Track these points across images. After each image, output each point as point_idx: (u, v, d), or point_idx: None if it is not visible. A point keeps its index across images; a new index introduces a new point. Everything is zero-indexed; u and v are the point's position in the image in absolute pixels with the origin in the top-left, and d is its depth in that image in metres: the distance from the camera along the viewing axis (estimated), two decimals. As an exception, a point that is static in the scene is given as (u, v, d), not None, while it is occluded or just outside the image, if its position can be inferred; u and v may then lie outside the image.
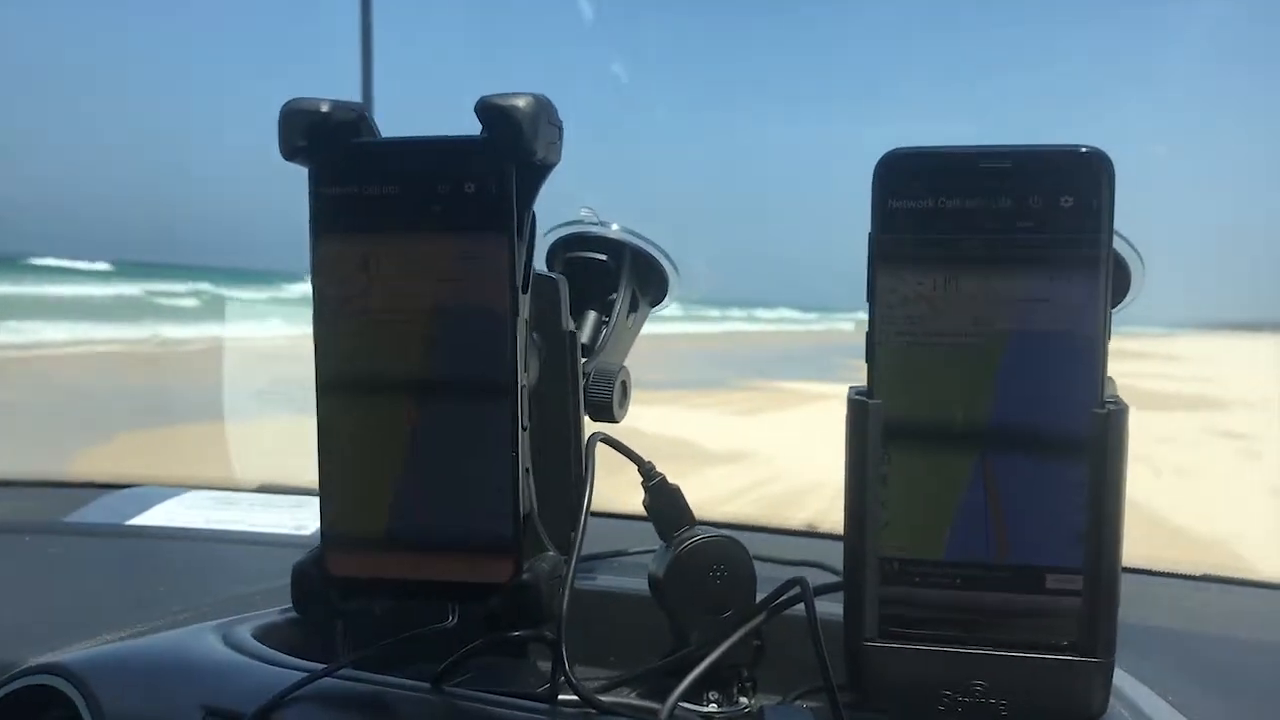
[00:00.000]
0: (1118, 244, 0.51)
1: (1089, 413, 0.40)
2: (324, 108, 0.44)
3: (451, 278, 0.44)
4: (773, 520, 0.94)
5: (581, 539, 0.47)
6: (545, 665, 0.59)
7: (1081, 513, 0.40)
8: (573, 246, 0.62)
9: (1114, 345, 0.40)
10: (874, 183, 0.41)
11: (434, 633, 0.48)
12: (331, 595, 0.46)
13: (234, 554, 0.78)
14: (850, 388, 0.43)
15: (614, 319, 0.60)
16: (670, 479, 0.54)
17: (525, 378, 0.45)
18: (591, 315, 0.62)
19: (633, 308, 0.63)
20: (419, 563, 0.45)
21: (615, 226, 0.62)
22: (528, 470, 0.45)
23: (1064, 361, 0.40)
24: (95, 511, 0.90)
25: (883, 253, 0.41)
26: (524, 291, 0.45)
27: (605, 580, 0.62)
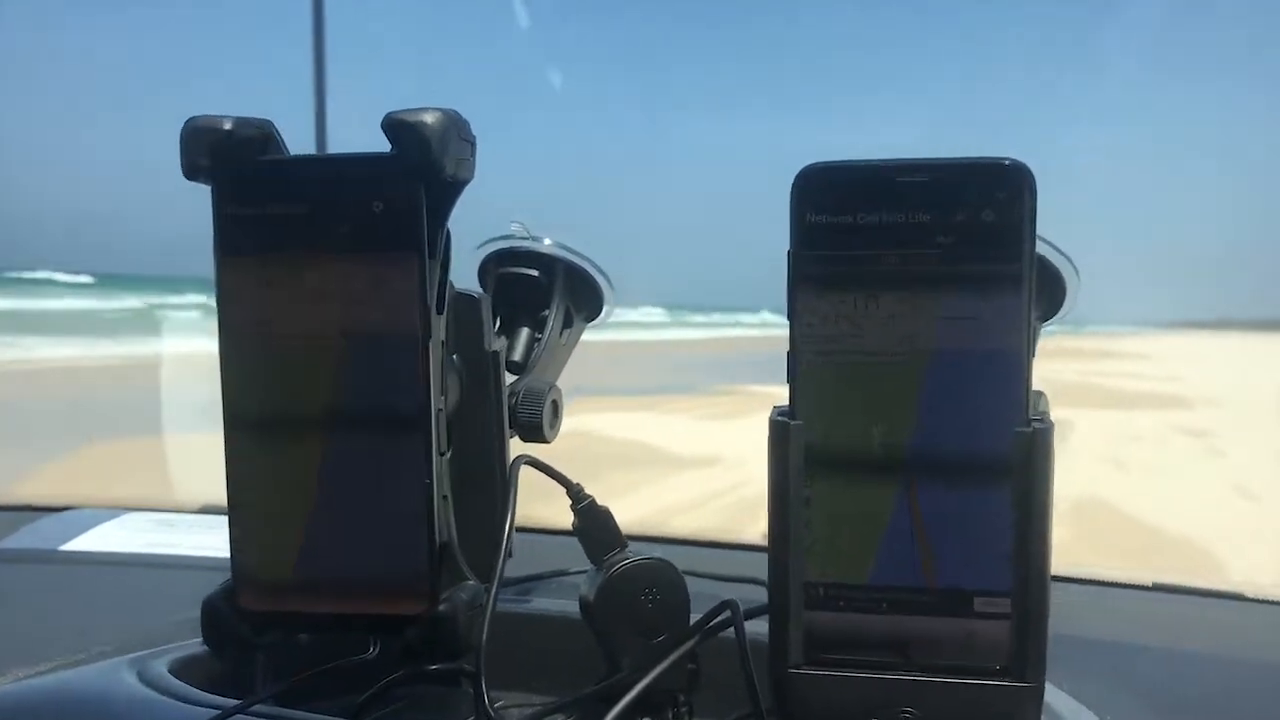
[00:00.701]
0: (1049, 254, 0.51)
1: (1013, 431, 0.39)
2: (227, 125, 0.42)
3: (360, 301, 0.42)
4: (729, 532, 0.93)
5: (503, 566, 0.45)
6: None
7: (1008, 534, 0.39)
8: (504, 262, 0.61)
9: (1083, 345, 0.40)
10: (792, 198, 0.40)
11: (354, 665, 0.46)
12: (243, 630, 0.44)
13: (171, 580, 0.76)
14: (774, 407, 0.42)
15: (546, 336, 0.59)
16: (618, 493, 0.52)
17: (442, 402, 0.44)
18: (524, 332, 0.60)
19: (566, 324, 0.61)
20: (333, 596, 0.43)
21: (547, 241, 0.61)
22: (446, 498, 0.44)
23: (988, 380, 0.39)
24: (26, 537, 0.87)
25: (802, 270, 0.40)
26: (439, 312, 0.43)
27: (541, 603, 0.60)
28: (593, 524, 0.51)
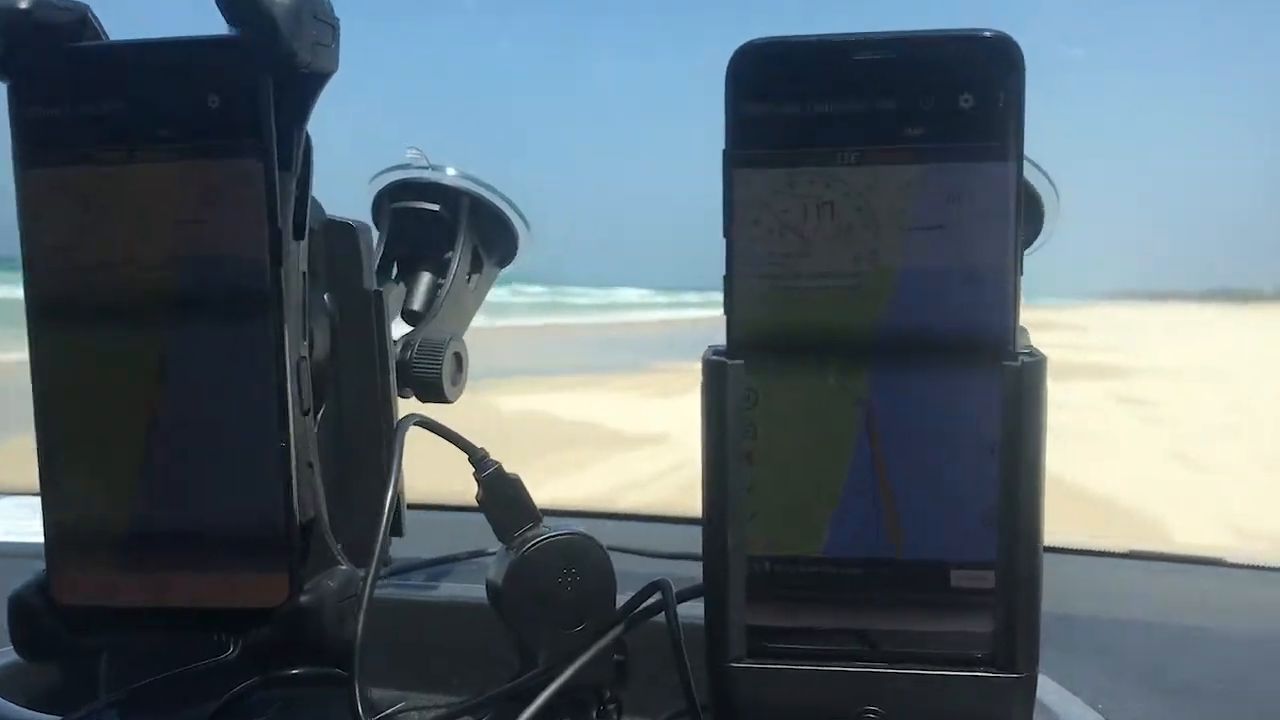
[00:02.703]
0: (1027, 170, 0.44)
1: (998, 366, 0.32)
2: (23, 3, 0.34)
3: (192, 218, 0.34)
4: (678, 506, 0.86)
5: (382, 547, 0.37)
6: (382, 694, 0.49)
7: (992, 491, 0.32)
8: (400, 196, 0.52)
9: (1022, 316, 0.33)
10: (727, 83, 0.32)
11: (210, 668, 0.38)
12: (60, 631, 0.36)
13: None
14: (709, 347, 0.34)
15: (449, 281, 0.51)
16: (513, 466, 0.45)
17: (304, 349, 0.36)
18: (425, 277, 0.52)
19: (474, 268, 0.53)
20: (169, 585, 0.35)
21: (450, 171, 0.52)
22: (311, 465, 0.36)
23: (966, 304, 0.32)
24: None
25: (739, 174, 0.32)
26: (297, 237, 0.35)
27: (451, 589, 0.53)
28: (500, 495, 0.44)
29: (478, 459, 0.43)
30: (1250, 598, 0.62)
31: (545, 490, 0.47)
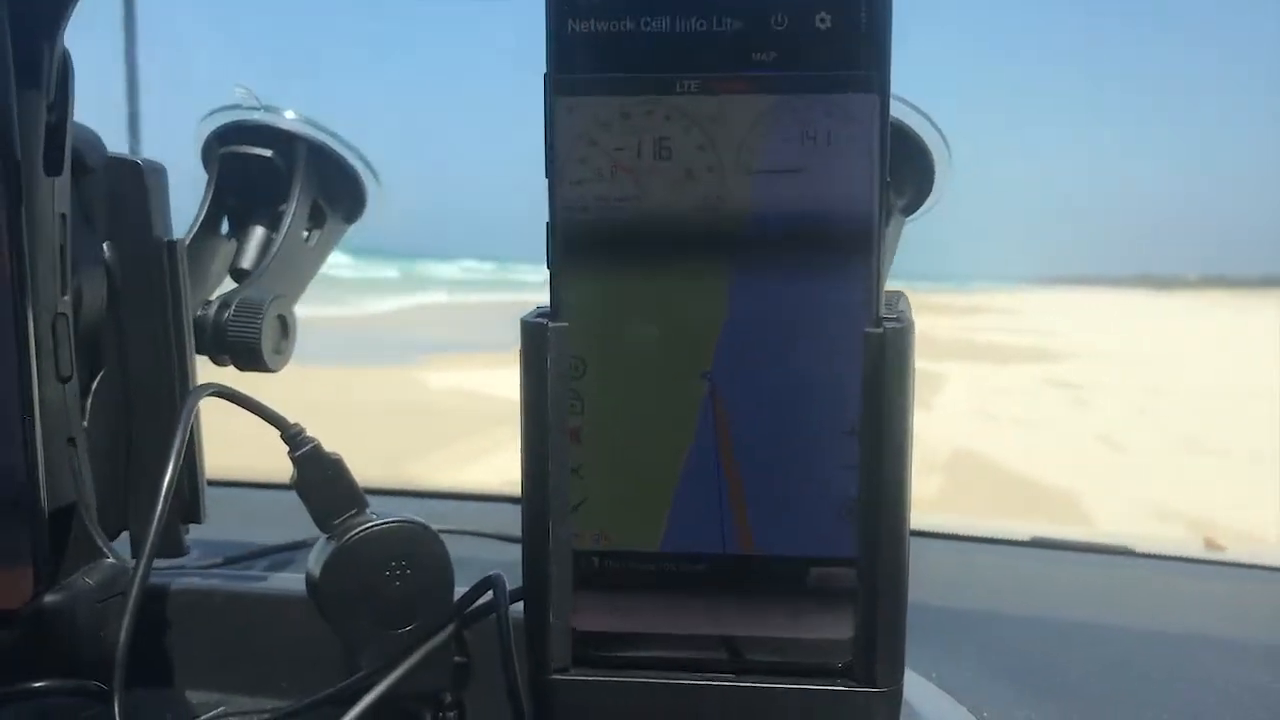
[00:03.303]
0: (916, 122, 0.39)
1: (859, 332, 0.27)
2: None
3: None
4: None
5: (156, 536, 0.32)
6: (199, 696, 0.44)
7: (852, 476, 0.28)
8: (229, 140, 0.47)
9: (954, 300, 0.29)
10: (547, -2, 0.27)
11: None
12: None
13: None
14: (535, 308, 0.29)
15: (282, 235, 0.46)
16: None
17: (62, 304, 0.30)
18: (257, 232, 0.47)
19: (315, 223, 0.48)
20: None
21: (289, 114, 0.47)
22: (72, 441, 0.31)
23: (823, 259, 0.27)
24: None
25: (562, 102, 0.27)
26: (52, 171, 0.30)
27: (278, 579, 0.47)
28: (317, 477, 0.38)
29: (291, 435, 0.38)
30: (1156, 590, 0.59)
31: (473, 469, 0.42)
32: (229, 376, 0.42)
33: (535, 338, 0.28)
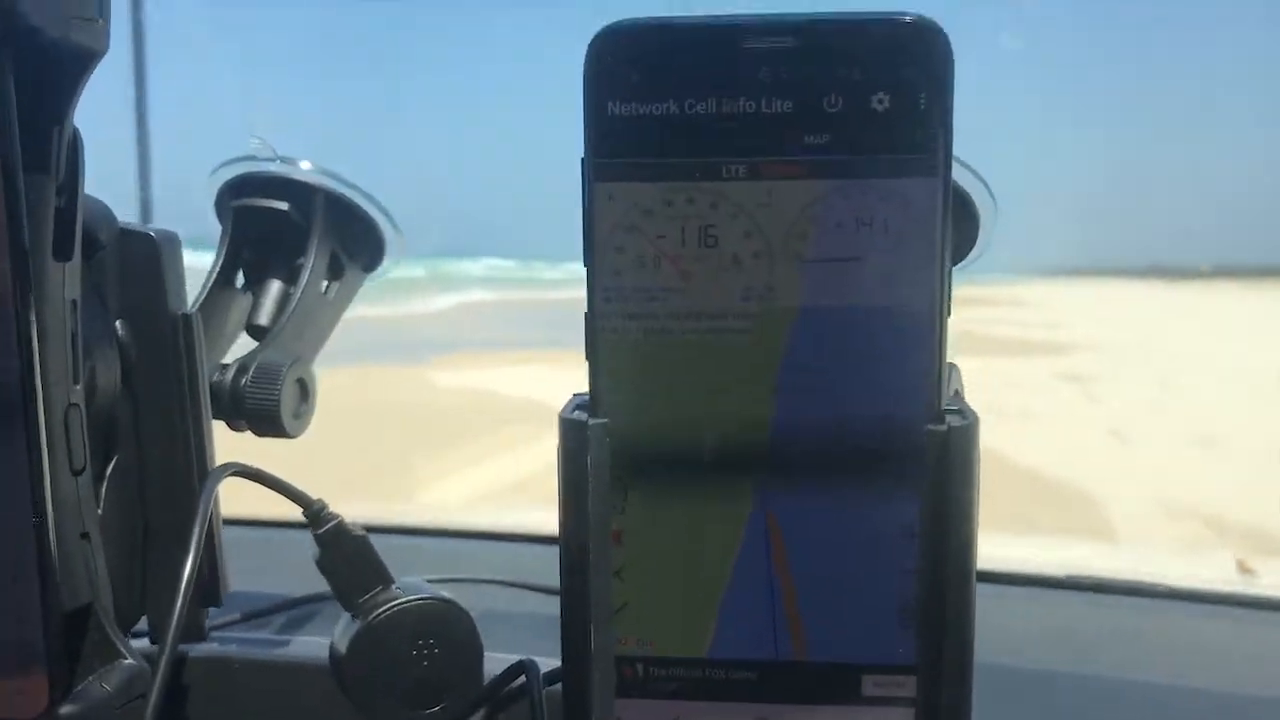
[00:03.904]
0: (958, 172, 0.38)
1: (920, 429, 0.26)
2: None
3: None
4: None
5: (177, 630, 0.31)
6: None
7: (910, 581, 0.26)
8: (243, 192, 0.45)
9: (961, 293, 0.27)
10: (586, 76, 0.26)
11: None
12: None
13: None
14: (573, 397, 0.28)
15: (299, 291, 0.44)
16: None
17: (75, 394, 0.29)
18: (274, 286, 0.45)
19: (333, 274, 0.46)
20: None
21: (304, 164, 0.45)
22: (86, 536, 0.29)
23: (880, 353, 0.26)
24: None
25: (601, 189, 0.26)
26: (62, 257, 0.28)
27: (300, 645, 0.46)
28: (342, 554, 0.37)
29: (314, 512, 0.37)
30: (1198, 636, 0.57)
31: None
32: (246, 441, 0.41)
33: (574, 435, 0.26)
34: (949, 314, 0.26)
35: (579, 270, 0.26)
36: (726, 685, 0.27)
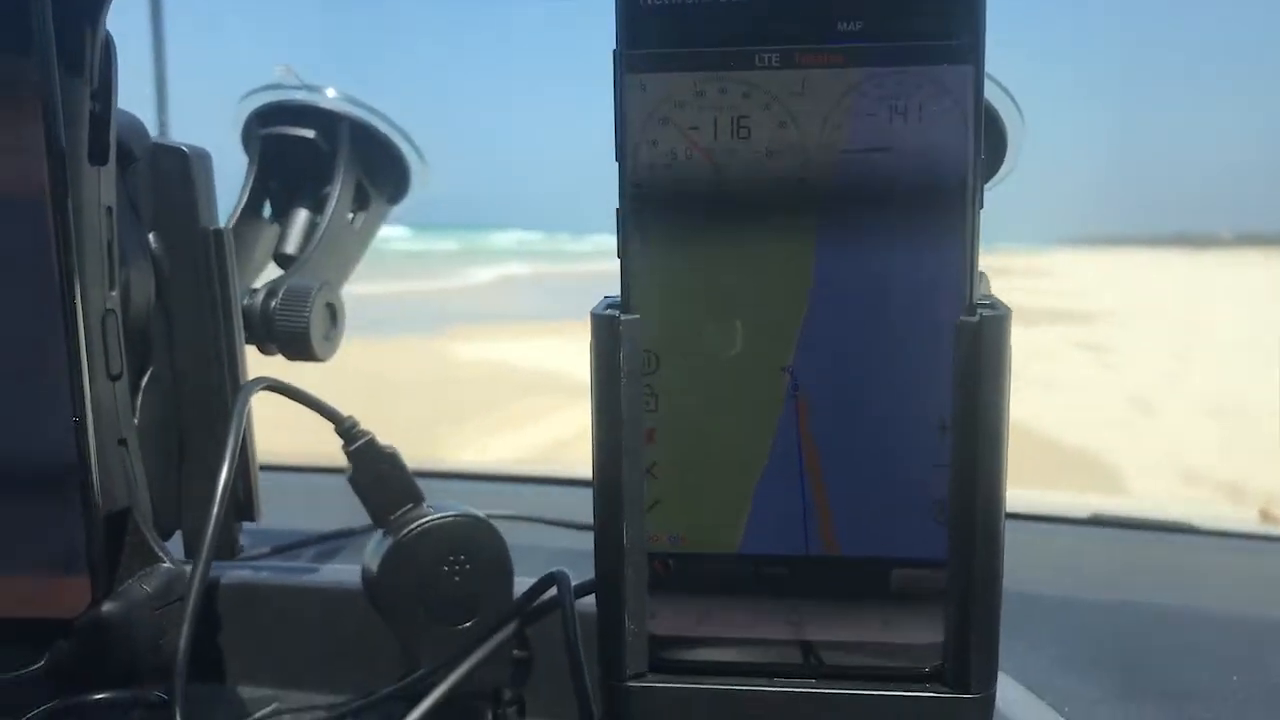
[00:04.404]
0: (987, 89, 0.37)
1: (952, 320, 0.25)
2: None
3: None
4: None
5: (215, 536, 0.31)
6: (252, 692, 0.43)
7: (942, 474, 0.26)
8: (270, 120, 0.45)
9: (981, 262, 0.27)
10: (617, -33, 0.26)
11: (13, 683, 0.32)
12: None
13: None
14: (603, 298, 0.28)
15: (326, 219, 0.44)
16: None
17: (111, 300, 0.29)
18: (301, 215, 0.45)
19: (359, 204, 0.47)
20: None
21: (330, 92, 0.45)
22: (124, 442, 0.29)
23: (912, 244, 0.26)
24: None
25: (633, 80, 0.26)
26: (96, 162, 0.28)
27: (331, 570, 0.46)
28: (374, 471, 0.37)
29: (346, 429, 0.37)
30: (1222, 569, 0.57)
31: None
32: (276, 365, 0.41)
33: (606, 331, 0.26)
34: (981, 206, 0.26)
35: (603, 242, 0.26)
36: (758, 580, 0.27)
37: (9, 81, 0.26)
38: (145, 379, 0.34)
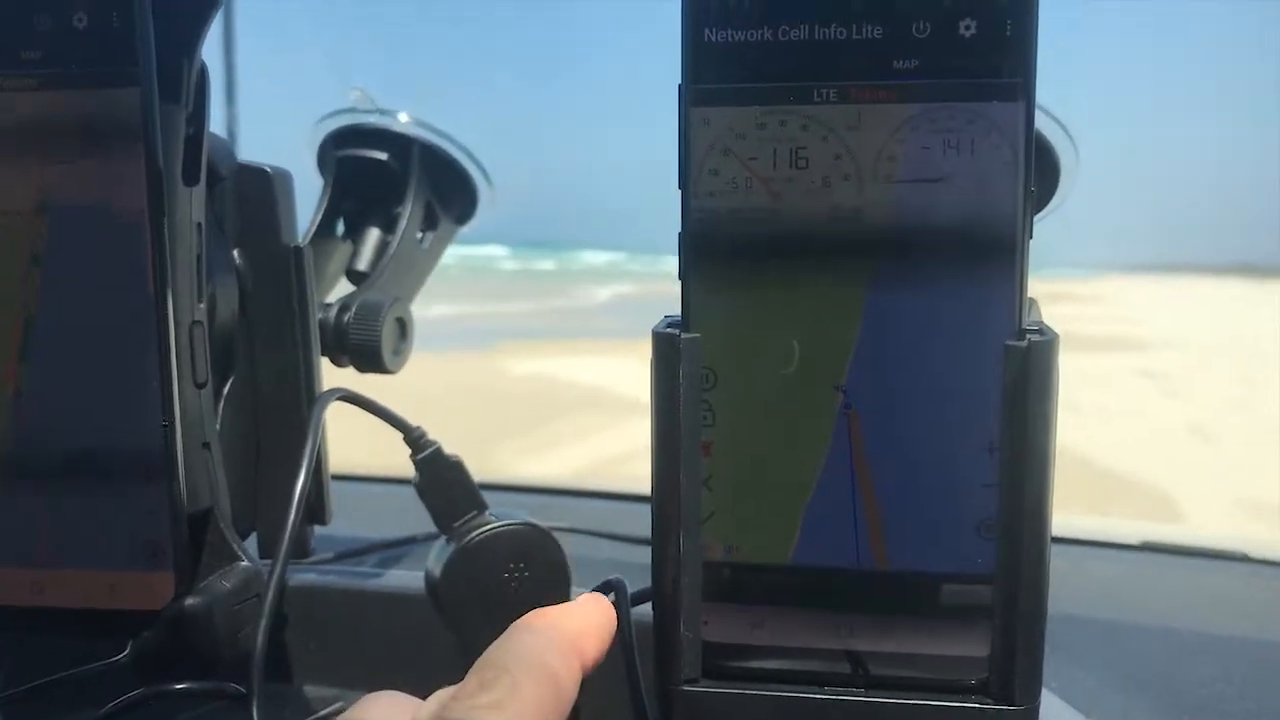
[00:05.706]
0: (1040, 117, 0.38)
1: (1000, 345, 0.27)
2: None
3: (63, 157, 0.29)
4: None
5: (291, 538, 0.33)
6: (317, 690, 0.45)
7: (991, 493, 0.27)
8: (345, 143, 0.47)
9: (1038, 289, 0.28)
10: (684, 5, 0.27)
11: (100, 671, 0.34)
12: None
13: None
14: (664, 317, 0.29)
15: (398, 238, 0.46)
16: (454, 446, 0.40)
17: (199, 312, 0.31)
18: (373, 234, 0.47)
19: (428, 225, 0.48)
20: (41, 582, 0.31)
21: (403, 117, 0.47)
22: (207, 446, 0.31)
23: (963, 271, 0.27)
24: None
25: (697, 113, 0.27)
26: (189, 182, 0.30)
27: (395, 575, 0.48)
28: (440, 479, 0.39)
29: (414, 438, 0.38)
30: (1274, 597, 0.57)
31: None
32: (348, 378, 0.43)
33: (667, 349, 0.28)
34: (1030, 236, 0.27)
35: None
36: (809, 591, 0.29)
37: (116, 112, 0.28)
38: (227, 387, 0.36)
